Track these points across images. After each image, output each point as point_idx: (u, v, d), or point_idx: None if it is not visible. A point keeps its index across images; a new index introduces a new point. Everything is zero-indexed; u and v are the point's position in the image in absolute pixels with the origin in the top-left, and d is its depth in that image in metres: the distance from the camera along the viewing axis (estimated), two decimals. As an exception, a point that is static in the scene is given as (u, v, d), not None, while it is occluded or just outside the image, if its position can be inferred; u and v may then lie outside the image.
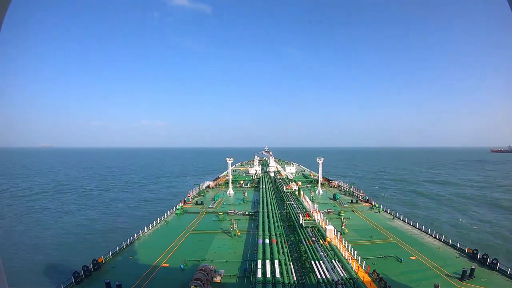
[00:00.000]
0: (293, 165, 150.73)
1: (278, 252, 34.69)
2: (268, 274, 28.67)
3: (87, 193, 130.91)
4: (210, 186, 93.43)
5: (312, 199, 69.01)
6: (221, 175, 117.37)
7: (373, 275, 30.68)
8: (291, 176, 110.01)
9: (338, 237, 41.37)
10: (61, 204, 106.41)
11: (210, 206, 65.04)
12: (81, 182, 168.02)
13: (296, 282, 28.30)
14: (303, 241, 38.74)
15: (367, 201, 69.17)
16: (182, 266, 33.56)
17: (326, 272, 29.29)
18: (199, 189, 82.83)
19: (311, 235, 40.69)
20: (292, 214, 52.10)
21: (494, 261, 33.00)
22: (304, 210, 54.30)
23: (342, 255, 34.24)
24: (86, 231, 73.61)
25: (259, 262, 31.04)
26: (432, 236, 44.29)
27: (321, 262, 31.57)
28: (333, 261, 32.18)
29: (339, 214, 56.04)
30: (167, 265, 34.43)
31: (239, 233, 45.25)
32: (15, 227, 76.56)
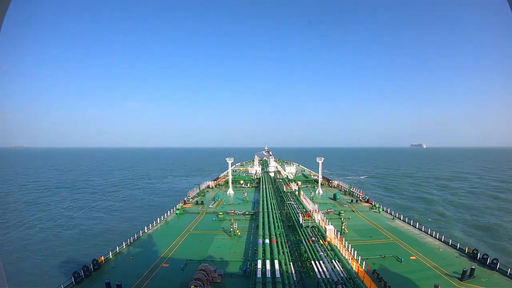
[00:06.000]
0: (293, 165, 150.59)
1: (278, 252, 34.66)
2: (268, 274, 28.69)
3: (87, 193, 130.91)
4: (210, 186, 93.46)
5: (312, 199, 69.01)
6: (221, 175, 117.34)
7: (373, 275, 30.70)
8: (291, 176, 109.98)
9: (338, 237, 41.34)
10: (61, 204, 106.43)
11: (210, 206, 65.02)
12: (80, 182, 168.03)
13: (296, 282, 28.27)
14: (303, 241, 38.77)
15: (367, 201, 69.16)
16: (182, 266, 33.56)
17: (326, 272, 29.29)
18: (199, 189, 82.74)
19: (311, 235, 40.70)
20: (292, 214, 52.10)
21: (494, 261, 33.00)
22: (304, 210, 54.30)
23: (342, 255, 34.24)
24: (86, 231, 73.54)
25: (259, 262, 31.04)
26: (432, 236, 44.28)
27: (321, 262, 31.58)
28: (333, 261, 32.16)
29: (339, 214, 56.03)
30: (167, 265, 34.42)
31: (239, 233, 45.25)
32: (15, 227, 76.54)
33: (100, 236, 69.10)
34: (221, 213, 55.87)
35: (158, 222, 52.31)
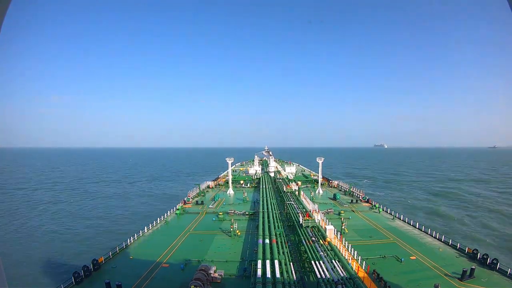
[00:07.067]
0: (293, 165, 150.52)
1: (278, 252, 34.63)
2: (268, 274, 28.65)
3: (87, 193, 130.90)
4: (210, 186, 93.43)
5: (312, 199, 68.99)
6: (221, 175, 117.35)
7: (373, 275, 30.70)
8: (291, 176, 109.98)
9: (338, 237, 41.34)
10: (61, 204, 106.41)
11: (210, 206, 65.00)
12: (80, 182, 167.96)
13: (296, 282, 28.27)
14: (303, 241, 38.70)
15: (367, 201, 69.15)
16: (182, 266, 33.56)
17: (326, 272, 29.25)
18: (199, 189, 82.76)
19: (311, 235, 40.64)
20: (292, 214, 52.05)
21: (494, 261, 32.98)
22: (304, 210, 54.25)
23: (342, 255, 34.19)
24: (86, 231, 73.58)
25: (259, 262, 30.99)
26: (432, 236, 44.28)
27: (321, 262, 31.54)
28: (333, 261, 32.11)
29: (339, 214, 56.03)
30: (167, 265, 34.42)
31: (239, 233, 45.24)
32: (15, 227, 76.54)
33: (100, 236, 69.12)
34: (221, 213, 55.86)
35: (158, 222, 52.30)
